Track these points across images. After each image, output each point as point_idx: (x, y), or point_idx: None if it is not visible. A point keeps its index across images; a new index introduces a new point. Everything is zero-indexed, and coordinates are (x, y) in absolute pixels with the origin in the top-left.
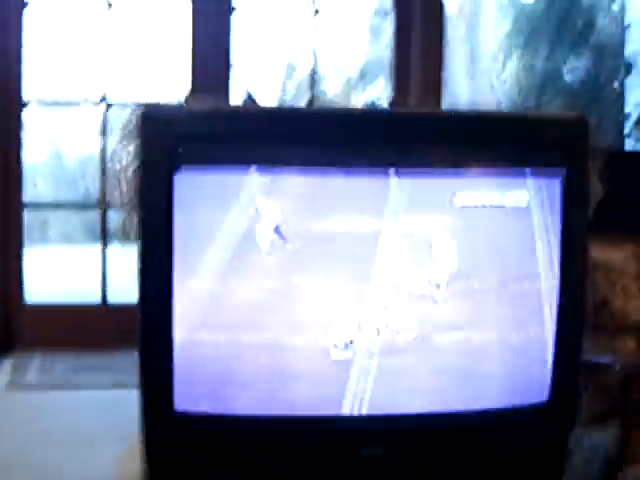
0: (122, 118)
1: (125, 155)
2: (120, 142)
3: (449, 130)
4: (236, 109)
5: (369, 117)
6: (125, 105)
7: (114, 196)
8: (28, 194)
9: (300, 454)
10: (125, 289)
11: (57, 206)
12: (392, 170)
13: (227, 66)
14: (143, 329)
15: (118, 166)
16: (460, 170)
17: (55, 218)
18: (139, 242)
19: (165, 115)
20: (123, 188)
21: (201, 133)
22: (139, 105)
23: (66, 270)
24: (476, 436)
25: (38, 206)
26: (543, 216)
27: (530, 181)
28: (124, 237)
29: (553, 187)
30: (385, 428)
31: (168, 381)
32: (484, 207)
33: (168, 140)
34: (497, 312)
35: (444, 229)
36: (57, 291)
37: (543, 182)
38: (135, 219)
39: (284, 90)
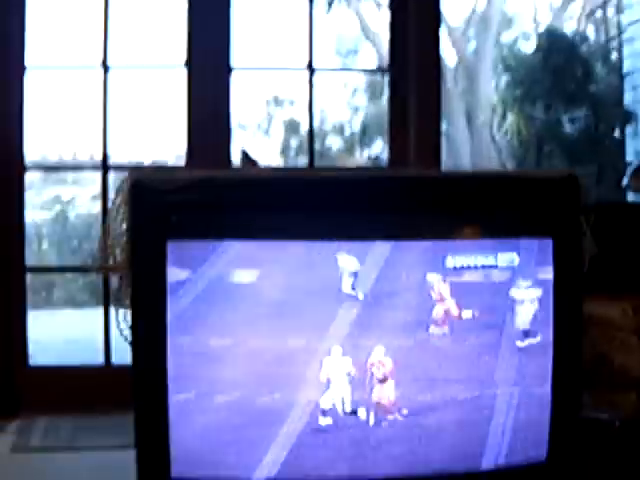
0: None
1: (119, 220)
2: (112, 208)
3: (434, 193)
4: (227, 177)
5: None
6: (124, 168)
7: (108, 261)
8: (32, 257)
9: None
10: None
11: (61, 269)
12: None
13: (227, 126)
14: (137, 394)
15: (111, 231)
16: (449, 234)
17: (60, 280)
18: (132, 308)
19: (157, 183)
20: (116, 253)
21: (193, 201)
22: (132, 170)
23: (71, 332)
24: None
25: (41, 270)
26: (536, 275)
27: (521, 242)
28: (117, 302)
29: (545, 246)
30: None
31: (164, 447)
32: (476, 268)
33: (160, 208)
34: (493, 371)
35: (441, 288)
36: (62, 353)
37: (534, 242)
38: (127, 284)
39: (287, 147)
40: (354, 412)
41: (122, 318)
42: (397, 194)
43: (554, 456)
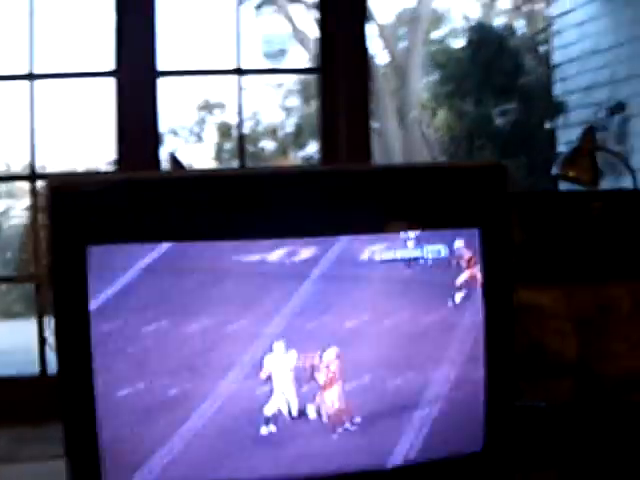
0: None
1: (38, 229)
2: (30, 216)
3: (361, 186)
4: (146, 178)
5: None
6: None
7: (28, 270)
8: None
9: None
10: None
11: None
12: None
13: (155, 132)
14: (64, 406)
15: (31, 240)
16: (374, 227)
17: None
18: (54, 315)
19: (75, 187)
20: (37, 262)
21: (113, 204)
22: (52, 176)
23: (6, 343)
24: None
25: None
26: (464, 266)
27: (448, 233)
28: (39, 310)
29: (473, 237)
30: None
31: (94, 458)
32: (403, 260)
33: (78, 213)
34: (424, 361)
35: (365, 284)
36: None
37: (462, 233)
38: (49, 293)
39: (221, 150)
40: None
41: (48, 326)
42: (322, 188)
43: (490, 445)
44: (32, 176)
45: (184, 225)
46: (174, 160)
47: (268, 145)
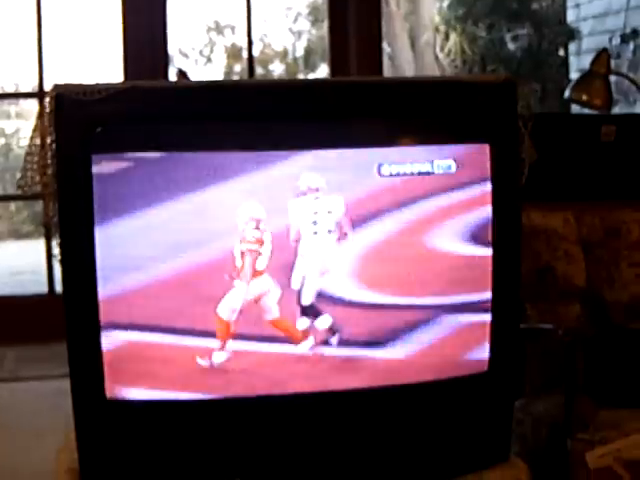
0: None
1: (45, 141)
2: (37, 127)
3: (370, 99)
4: (152, 86)
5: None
6: None
7: (35, 183)
8: None
9: (239, 434)
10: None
11: (5, 199)
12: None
13: (164, 52)
14: (68, 316)
15: (37, 153)
16: (384, 139)
17: (4, 213)
18: (59, 229)
19: (80, 95)
20: (43, 174)
21: (119, 112)
22: (57, 85)
23: (15, 263)
24: (417, 410)
25: None
26: (473, 182)
27: (457, 147)
28: (47, 227)
29: (481, 152)
30: (325, 404)
31: (97, 369)
32: (412, 175)
33: (83, 120)
34: (432, 279)
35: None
36: (7, 284)
37: (471, 147)
38: (55, 206)
39: (230, 73)
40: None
41: (57, 242)
42: (331, 100)
43: (495, 366)
44: (40, 93)
45: (187, 135)
46: (182, 75)
47: (277, 68)
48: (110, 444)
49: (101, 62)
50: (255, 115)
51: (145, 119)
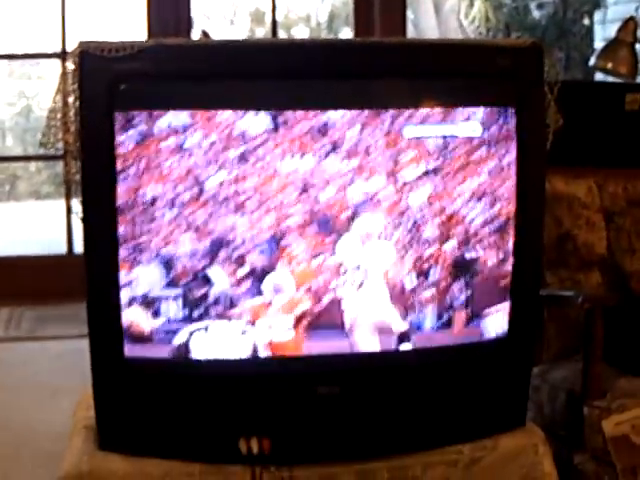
0: None
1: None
2: (60, 86)
3: (395, 60)
4: (177, 43)
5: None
6: None
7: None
8: None
9: (253, 395)
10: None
11: (25, 159)
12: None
13: (188, 15)
14: (89, 275)
15: (60, 110)
16: (410, 102)
17: (24, 174)
18: (81, 186)
19: (105, 51)
20: (66, 132)
21: (143, 70)
22: (81, 42)
23: (35, 223)
24: (436, 374)
25: (5, 160)
26: (498, 145)
27: (483, 110)
28: (67, 183)
29: (507, 115)
30: (341, 367)
31: (116, 328)
32: (437, 137)
33: (107, 77)
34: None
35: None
36: (25, 243)
37: (496, 110)
38: (77, 163)
39: (253, 36)
40: None
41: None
42: (358, 61)
43: (515, 332)
44: (63, 53)
45: (210, 92)
46: (205, 36)
47: (301, 32)
48: (127, 402)
49: (124, 24)
50: (280, 74)
51: (169, 76)
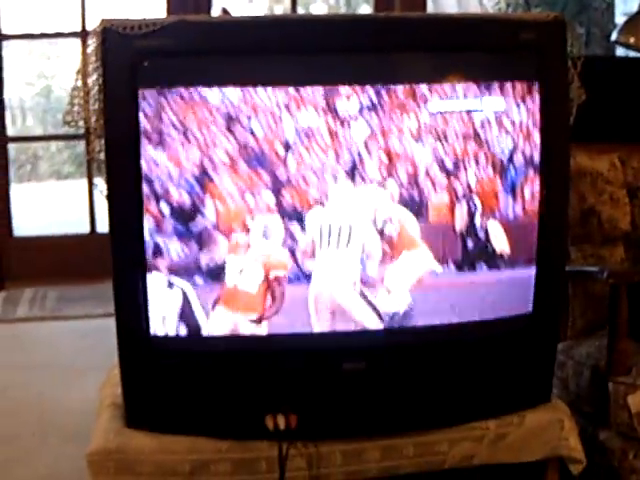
0: None
1: (89, 79)
2: (82, 64)
3: (419, 35)
4: (200, 20)
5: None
6: None
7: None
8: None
9: (279, 372)
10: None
11: (46, 139)
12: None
13: None
14: (115, 253)
15: (83, 89)
16: (432, 77)
17: (45, 153)
18: (105, 163)
19: (128, 29)
20: (88, 112)
21: (166, 46)
22: (104, 19)
23: (57, 203)
24: (461, 349)
25: (25, 140)
26: (522, 119)
27: (506, 85)
28: (90, 162)
29: (531, 90)
30: (367, 343)
31: (143, 306)
32: (460, 112)
33: (130, 54)
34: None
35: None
36: (47, 224)
37: (519, 85)
38: (100, 142)
39: (271, 13)
40: None
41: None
42: (380, 36)
43: (539, 308)
44: (83, 32)
45: (233, 69)
46: (226, 13)
47: (319, 9)
48: (153, 379)
49: (143, 3)
50: (303, 49)
51: (192, 53)
